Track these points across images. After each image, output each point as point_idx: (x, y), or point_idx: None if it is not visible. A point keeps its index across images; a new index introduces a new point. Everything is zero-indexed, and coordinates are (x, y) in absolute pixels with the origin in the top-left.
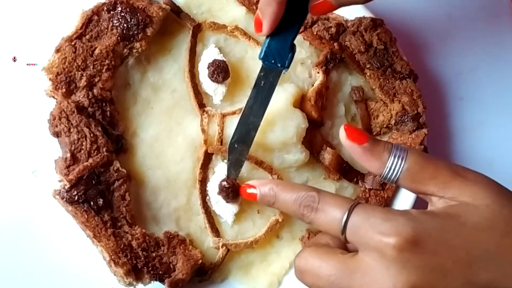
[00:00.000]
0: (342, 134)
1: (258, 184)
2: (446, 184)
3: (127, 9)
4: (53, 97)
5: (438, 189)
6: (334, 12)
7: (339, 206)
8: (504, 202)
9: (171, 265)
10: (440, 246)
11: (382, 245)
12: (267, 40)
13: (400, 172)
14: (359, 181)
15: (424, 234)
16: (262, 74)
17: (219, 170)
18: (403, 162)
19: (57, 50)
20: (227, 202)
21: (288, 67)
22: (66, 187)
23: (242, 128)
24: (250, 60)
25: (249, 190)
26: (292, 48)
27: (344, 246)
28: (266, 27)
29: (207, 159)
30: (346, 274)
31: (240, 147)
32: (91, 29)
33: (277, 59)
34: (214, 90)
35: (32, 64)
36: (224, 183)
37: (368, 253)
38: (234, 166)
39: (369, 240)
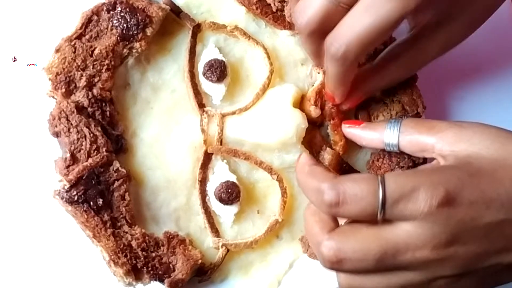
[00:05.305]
0: (342, 126)
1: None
2: (443, 132)
3: (127, 9)
4: (53, 97)
5: (437, 138)
6: None
7: (367, 194)
8: (502, 140)
9: (170, 265)
10: (473, 195)
11: (421, 210)
12: None
13: (399, 131)
14: None
15: (457, 188)
16: None
17: (219, 170)
18: (399, 124)
19: (57, 50)
20: (224, 205)
21: None
22: (66, 187)
23: None
24: (250, 60)
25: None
26: None
27: (335, 219)
28: (339, 98)
29: (207, 159)
30: (390, 247)
31: None
32: (91, 29)
33: None
34: (213, 90)
35: (32, 64)
36: (220, 189)
37: (406, 222)
38: None
39: (408, 210)
